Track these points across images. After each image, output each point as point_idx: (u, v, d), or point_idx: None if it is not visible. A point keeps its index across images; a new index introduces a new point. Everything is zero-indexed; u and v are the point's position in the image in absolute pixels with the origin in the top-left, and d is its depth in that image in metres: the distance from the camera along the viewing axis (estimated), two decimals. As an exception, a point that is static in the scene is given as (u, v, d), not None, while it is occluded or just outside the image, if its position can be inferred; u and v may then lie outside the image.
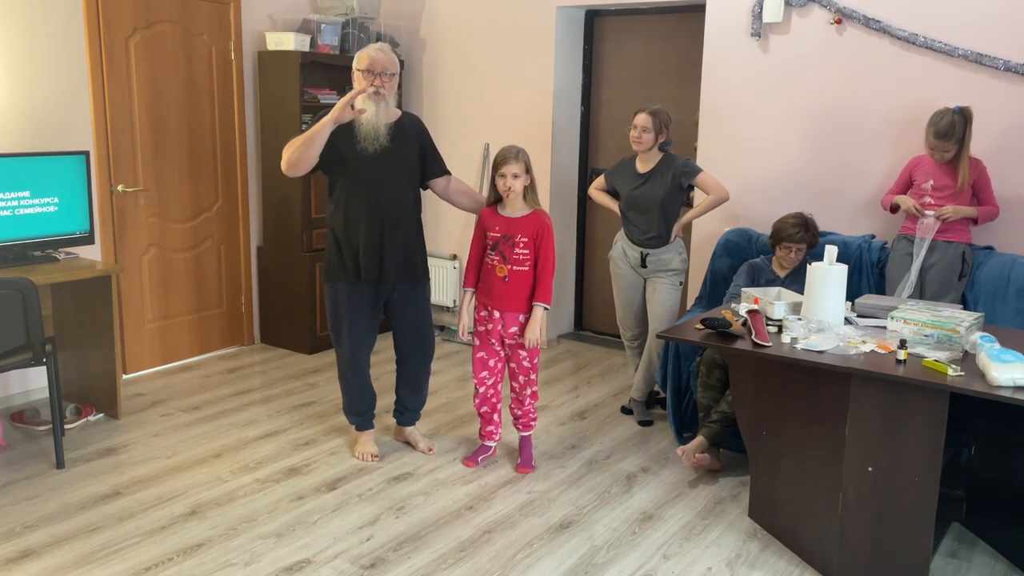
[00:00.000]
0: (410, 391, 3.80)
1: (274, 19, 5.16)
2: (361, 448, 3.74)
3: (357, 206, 3.43)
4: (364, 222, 3.43)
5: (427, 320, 3.71)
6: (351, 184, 3.43)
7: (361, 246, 3.44)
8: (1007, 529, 3.06)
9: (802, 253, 3.79)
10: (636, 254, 4.12)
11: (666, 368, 3.94)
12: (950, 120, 3.54)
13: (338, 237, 3.48)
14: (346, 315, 3.54)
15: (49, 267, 3.82)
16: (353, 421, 3.77)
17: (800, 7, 4.27)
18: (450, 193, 3.70)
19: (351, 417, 3.77)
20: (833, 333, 2.93)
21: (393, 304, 3.60)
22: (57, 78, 4.21)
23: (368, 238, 3.44)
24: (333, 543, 3.04)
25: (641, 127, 3.96)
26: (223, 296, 5.20)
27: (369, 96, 3.38)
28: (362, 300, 3.53)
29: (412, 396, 3.81)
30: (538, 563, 2.94)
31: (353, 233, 3.45)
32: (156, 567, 2.85)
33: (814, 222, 3.81)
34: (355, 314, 3.54)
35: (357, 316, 3.55)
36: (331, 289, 3.55)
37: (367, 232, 3.43)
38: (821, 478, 2.89)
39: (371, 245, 3.45)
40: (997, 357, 2.55)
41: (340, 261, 3.49)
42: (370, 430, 3.79)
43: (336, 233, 3.49)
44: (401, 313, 3.62)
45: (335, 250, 3.50)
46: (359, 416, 3.75)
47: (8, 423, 3.99)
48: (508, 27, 5.29)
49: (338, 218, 3.47)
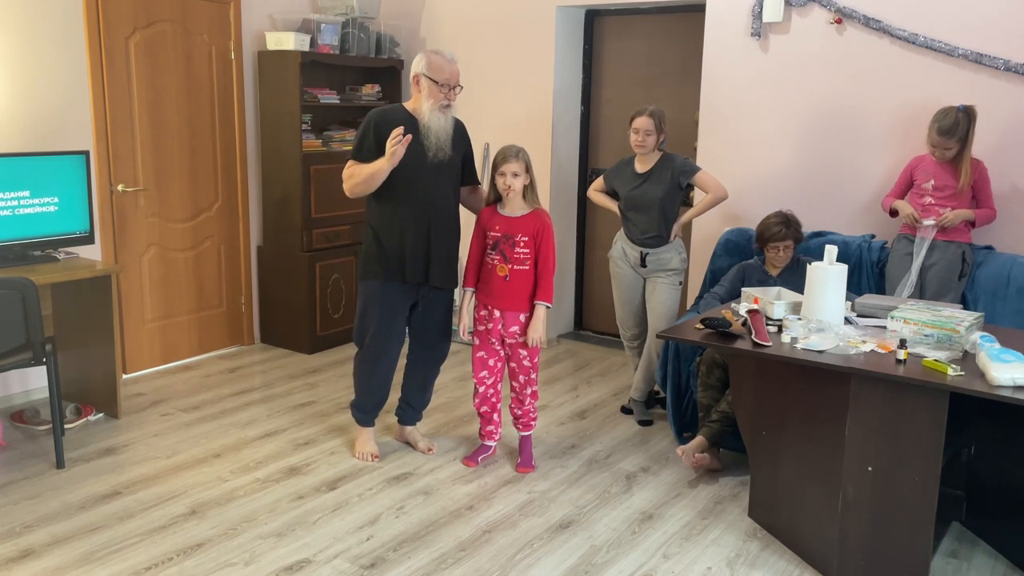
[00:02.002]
0: (418, 390, 3.80)
1: (274, 19, 5.16)
2: (362, 447, 3.74)
3: (409, 210, 3.44)
4: (414, 226, 3.45)
5: (449, 323, 3.74)
6: (407, 188, 3.42)
7: (408, 250, 3.46)
8: (1007, 529, 3.06)
9: (790, 250, 3.79)
10: (636, 254, 4.12)
11: (666, 368, 3.94)
12: (955, 118, 3.54)
13: (381, 237, 3.48)
14: (382, 313, 3.53)
15: (49, 267, 3.82)
16: (360, 417, 3.76)
17: (800, 7, 4.27)
18: (471, 201, 3.71)
19: (360, 413, 3.75)
20: (833, 333, 2.93)
21: (422, 305, 3.60)
22: (57, 78, 4.21)
23: (416, 242, 3.45)
24: (333, 543, 3.04)
25: (644, 131, 3.95)
26: (223, 296, 5.20)
27: (440, 109, 3.41)
28: (400, 300, 3.55)
29: (419, 395, 3.81)
30: (538, 563, 2.94)
31: (401, 236, 3.45)
32: (156, 567, 2.85)
33: (795, 217, 3.82)
34: (392, 313, 3.55)
35: (394, 315, 3.56)
36: (368, 287, 3.54)
37: (415, 236, 3.45)
38: (821, 478, 2.89)
39: (418, 249, 3.46)
40: (997, 357, 2.55)
41: (383, 261, 3.49)
42: (371, 428, 3.79)
43: (380, 233, 3.49)
44: (428, 314, 3.63)
45: (377, 249, 3.50)
46: (368, 413, 3.75)
47: (8, 423, 3.99)
48: (508, 27, 5.29)
49: (385, 219, 3.47)
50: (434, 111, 3.40)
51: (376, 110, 3.49)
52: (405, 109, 3.48)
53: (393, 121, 3.38)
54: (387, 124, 3.37)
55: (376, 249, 3.50)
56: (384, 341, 3.57)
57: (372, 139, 3.40)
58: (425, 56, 3.43)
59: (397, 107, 3.51)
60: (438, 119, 3.41)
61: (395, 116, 3.43)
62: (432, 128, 3.40)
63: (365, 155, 3.42)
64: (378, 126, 3.40)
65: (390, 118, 3.41)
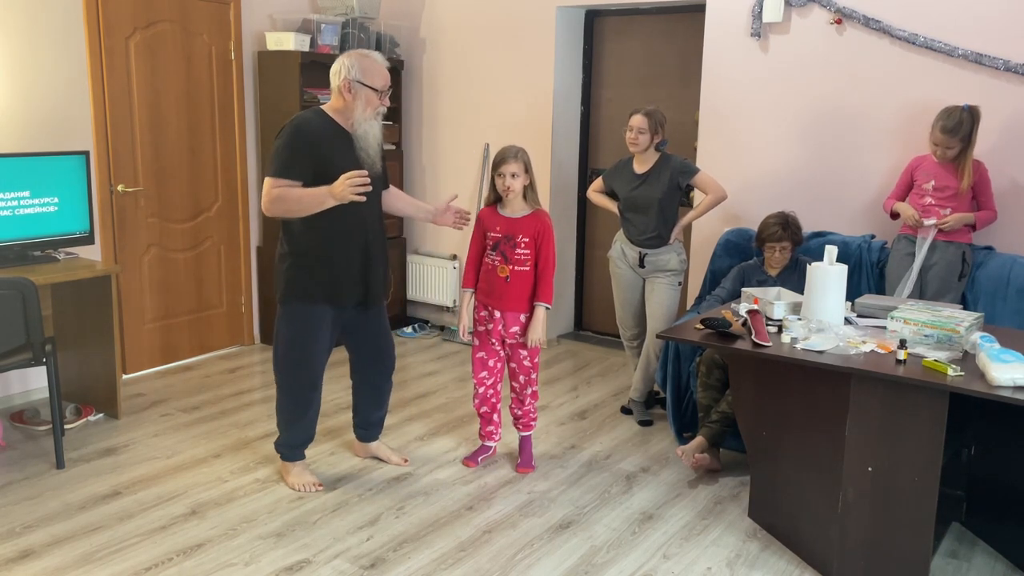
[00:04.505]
0: (373, 406, 3.58)
1: (274, 19, 5.16)
2: (299, 479, 3.42)
3: (343, 230, 3.16)
4: (348, 248, 3.19)
5: (389, 332, 3.52)
6: (341, 208, 3.06)
7: (343, 273, 3.20)
8: (1007, 529, 3.06)
9: (787, 251, 3.79)
10: (635, 254, 4.12)
11: (666, 368, 3.94)
12: (959, 117, 3.55)
13: (310, 258, 3.17)
14: (314, 339, 3.24)
15: (49, 267, 3.82)
16: (290, 453, 3.44)
17: (800, 7, 4.27)
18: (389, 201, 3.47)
19: (292, 451, 3.43)
20: (833, 333, 2.93)
21: (356, 322, 3.37)
22: (57, 78, 4.21)
23: (351, 265, 3.21)
24: (333, 543, 3.04)
25: (637, 128, 3.96)
26: (223, 296, 5.20)
27: (377, 116, 3.15)
28: (333, 324, 3.29)
29: (375, 411, 3.61)
30: (538, 563, 2.94)
31: (334, 258, 3.17)
32: (156, 567, 2.85)
33: (795, 219, 3.83)
34: (323, 338, 3.27)
35: (325, 340, 3.28)
36: (296, 311, 3.22)
37: (350, 258, 3.20)
38: (821, 478, 2.89)
39: (354, 272, 3.22)
40: (997, 357, 2.55)
41: (314, 285, 3.19)
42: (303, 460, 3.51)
43: (308, 254, 3.17)
44: (365, 329, 3.41)
45: (305, 271, 3.18)
46: (300, 447, 3.45)
47: (8, 423, 3.99)
48: (508, 27, 5.29)
49: (314, 239, 3.15)
50: (369, 120, 3.11)
51: (298, 120, 3.11)
52: (327, 116, 3.14)
53: (324, 135, 3.09)
54: (320, 139, 3.08)
55: (303, 271, 3.18)
56: (319, 368, 3.30)
57: (306, 156, 3.06)
58: (355, 60, 3.09)
59: (319, 115, 3.15)
60: (373, 128, 3.14)
61: (324, 128, 3.11)
62: (368, 140, 3.13)
63: (297, 174, 3.06)
64: (312, 143, 3.07)
65: (320, 131, 3.10)
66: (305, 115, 3.16)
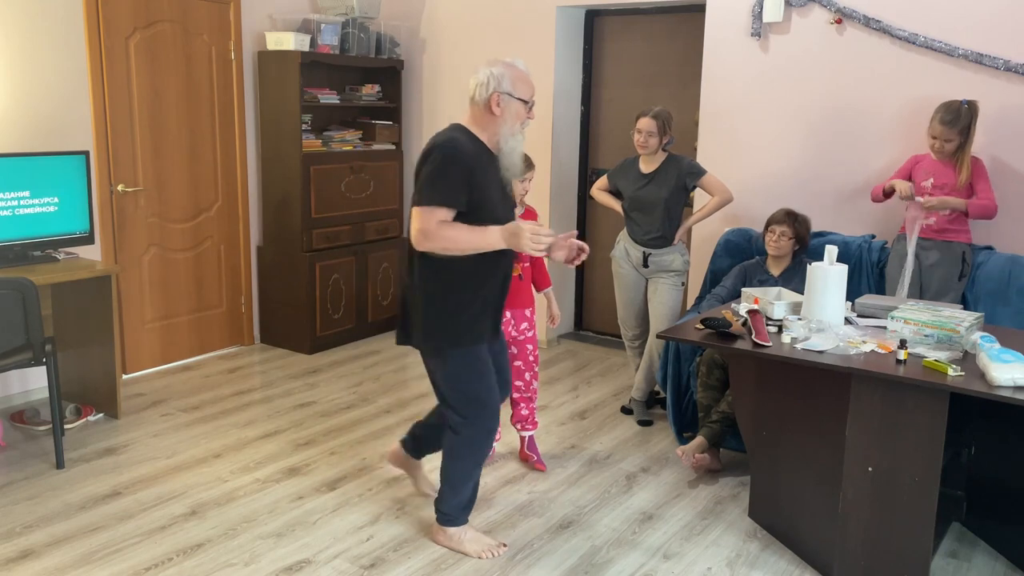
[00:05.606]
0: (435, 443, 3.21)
1: (274, 19, 5.16)
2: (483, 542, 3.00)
3: (496, 260, 2.81)
4: (497, 275, 2.86)
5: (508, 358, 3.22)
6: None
7: (492, 303, 2.88)
8: (1007, 529, 3.06)
9: (786, 239, 3.78)
10: (638, 254, 4.12)
11: (666, 368, 3.94)
12: (958, 109, 3.57)
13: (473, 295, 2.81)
14: (492, 378, 2.92)
15: (49, 267, 3.82)
16: (463, 517, 3.02)
17: (800, 7, 4.27)
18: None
19: (464, 513, 3.01)
20: (833, 333, 2.93)
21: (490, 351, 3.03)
22: (57, 78, 4.21)
23: (495, 292, 2.88)
24: (333, 543, 3.04)
25: (646, 132, 3.96)
26: (223, 296, 5.20)
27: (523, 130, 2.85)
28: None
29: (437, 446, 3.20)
30: (538, 563, 2.94)
31: (489, 289, 2.85)
32: (156, 567, 2.85)
33: (806, 218, 3.84)
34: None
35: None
36: (471, 354, 2.85)
37: (495, 285, 2.87)
38: (821, 478, 2.89)
39: (497, 299, 2.91)
40: (997, 357, 2.55)
41: (479, 322, 2.85)
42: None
43: (471, 291, 2.80)
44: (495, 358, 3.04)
45: (469, 310, 2.81)
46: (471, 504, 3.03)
47: (8, 423, 3.99)
48: (508, 27, 5.29)
49: (473, 273, 2.79)
50: (516, 135, 2.81)
51: (450, 142, 2.73)
52: (471, 133, 2.81)
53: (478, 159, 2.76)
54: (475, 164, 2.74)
55: (467, 311, 2.81)
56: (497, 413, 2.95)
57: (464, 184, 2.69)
58: (504, 70, 2.77)
59: (464, 133, 2.80)
60: (520, 144, 2.84)
61: (476, 151, 2.77)
62: (513, 157, 2.83)
63: (455, 203, 2.68)
64: (469, 168, 2.70)
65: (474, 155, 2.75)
66: (453, 136, 2.77)
